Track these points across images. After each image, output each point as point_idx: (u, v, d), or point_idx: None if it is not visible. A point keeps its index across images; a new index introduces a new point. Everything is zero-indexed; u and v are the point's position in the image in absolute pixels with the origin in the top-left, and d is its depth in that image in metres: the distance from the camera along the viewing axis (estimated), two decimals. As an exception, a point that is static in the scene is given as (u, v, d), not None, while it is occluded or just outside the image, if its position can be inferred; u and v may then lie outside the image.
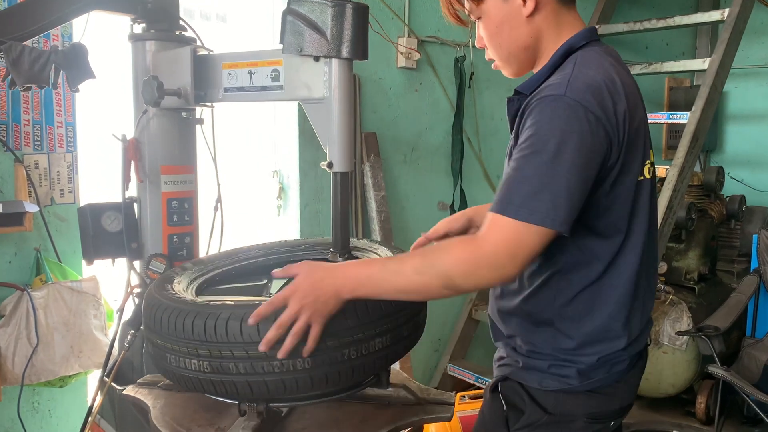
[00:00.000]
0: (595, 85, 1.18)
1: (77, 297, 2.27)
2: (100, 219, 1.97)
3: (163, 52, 1.92)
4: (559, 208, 1.12)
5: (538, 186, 1.13)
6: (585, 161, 1.14)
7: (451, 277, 1.17)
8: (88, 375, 2.40)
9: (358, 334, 1.31)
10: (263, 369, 1.25)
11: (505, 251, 1.14)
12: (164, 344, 1.36)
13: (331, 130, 1.67)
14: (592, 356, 1.29)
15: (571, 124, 1.14)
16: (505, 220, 1.14)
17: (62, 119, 2.32)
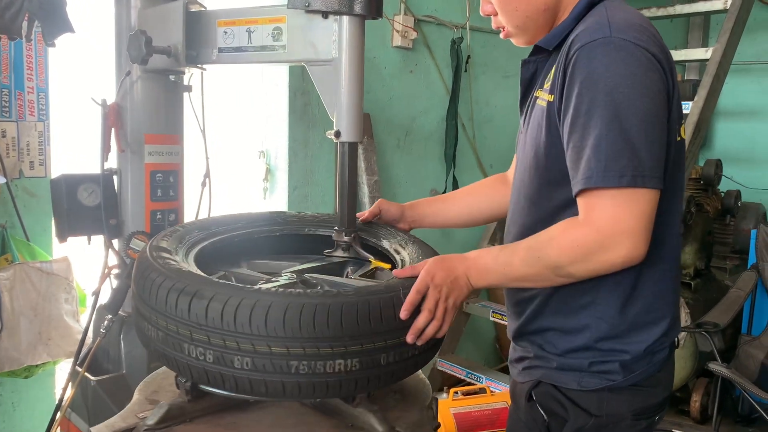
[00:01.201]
0: (638, 25, 1.07)
1: (47, 279, 2.07)
2: (75, 192, 1.79)
3: (150, 8, 1.74)
4: (646, 162, 1.02)
5: (614, 144, 1.01)
6: (656, 104, 1.03)
7: (560, 266, 1.09)
8: (56, 365, 2.20)
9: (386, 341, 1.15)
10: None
11: (610, 228, 1.02)
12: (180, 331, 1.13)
13: (340, 96, 1.51)
14: (639, 344, 1.17)
15: (630, 65, 1.02)
16: (596, 195, 1.03)
17: (33, 84, 2.12)
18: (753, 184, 4.53)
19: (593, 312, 1.17)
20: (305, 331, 1.07)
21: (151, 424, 1.16)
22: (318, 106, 2.80)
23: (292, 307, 1.07)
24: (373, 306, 1.12)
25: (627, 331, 1.17)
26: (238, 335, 1.07)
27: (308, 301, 1.08)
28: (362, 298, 1.12)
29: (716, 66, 3.14)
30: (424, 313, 1.12)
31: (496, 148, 3.57)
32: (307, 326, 1.07)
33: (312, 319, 1.07)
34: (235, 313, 1.07)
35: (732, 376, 2.83)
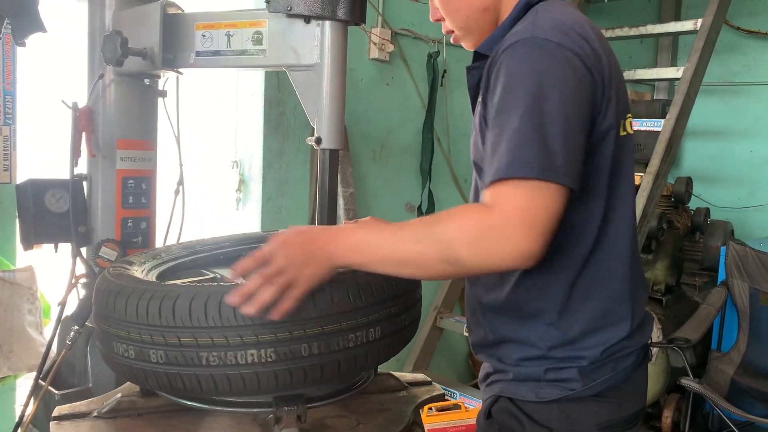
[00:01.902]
0: (564, 24, 1.06)
1: (9, 289, 1.99)
2: (43, 197, 1.72)
3: (126, 10, 1.69)
4: (556, 157, 0.97)
5: (524, 137, 0.97)
6: (574, 103, 1.01)
7: (451, 245, 0.98)
8: (17, 379, 2.11)
9: (359, 319, 1.12)
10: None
11: (509, 216, 0.96)
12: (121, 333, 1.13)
13: (321, 102, 1.49)
14: (595, 348, 1.12)
15: (548, 64, 1.00)
16: (503, 184, 0.97)
17: (0, 87, 2.05)
18: (720, 203, 4.61)
19: (543, 319, 1.13)
20: (211, 320, 1.04)
21: (102, 413, 1.25)
22: (293, 116, 2.76)
23: (199, 296, 1.05)
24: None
25: (581, 335, 1.12)
26: (152, 328, 1.07)
27: (214, 290, 1.06)
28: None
29: (687, 85, 3.19)
30: (258, 277, 1.01)
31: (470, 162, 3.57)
32: (213, 316, 1.04)
33: (218, 308, 1.04)
34: (147, 306, 1.08)
35: (704, 391, 2.85)
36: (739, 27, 4.54)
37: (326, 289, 1.08)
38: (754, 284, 3.24)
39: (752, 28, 4.50)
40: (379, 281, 1.15)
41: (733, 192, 4.66)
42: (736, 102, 4.68)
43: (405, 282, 1.21)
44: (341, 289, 1.10)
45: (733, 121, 4.68)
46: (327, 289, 1.08)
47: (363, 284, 1.13)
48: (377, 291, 1.14)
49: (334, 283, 1.09)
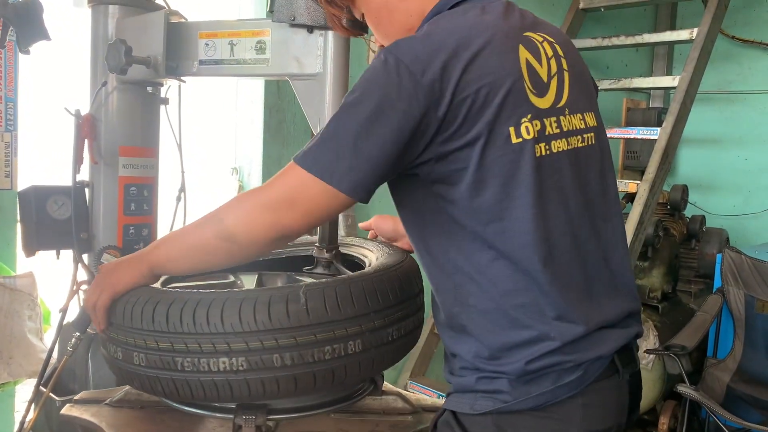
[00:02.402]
0: (428, 40, 1.03)
1: (10, 295, 1.99)
2: (45, 204, 1.73)
3: (129, 18, 1.71)
4: (342, 164, 1.01)
5: (328, 136, 1.03)
6: (390, 120, 0.99)
7: (224, 220, 1.06)
8: (17, 385, 2.10)
9: (336, 332, 1.11)
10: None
11: (284, 194, 1.05)
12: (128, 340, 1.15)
13: (324, 111, 1.50)
14: (517, 362, 1.05)
15: (378, 76, 1.01)
16: (293, 168, 1.05)
17: (2, 93, 2.05)
18: (715, 210, 4.65)
19: (469, 333, 1.10)
20: (186, 326, 1.08)
21: (112, 402, 1.40)
22: (293, 123, 2.78)
23: (176, 303, 1.10)
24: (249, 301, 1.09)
25: (501, 348, 1.07)
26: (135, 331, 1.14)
27: (191, 298, 1.10)
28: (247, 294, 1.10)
29: (683, 94, 3.22)
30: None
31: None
32: (188, 322, 1.08)
33: (192, 315, 1.08)
34: (132, 310, 1.13)
35: (700, 398, 2.87)
36: (734, 36, 4.58)
37: (301, 299, 1.08)
38: (749, 291, 3.27)
39: (747, 37, 4.55)
40: (361, 293, 1.13)
41: (729, 199, 4.70)
42: (731, 110, 4.72)
43: (394, 295, 1.19)
44: (317, 299, 1.09)
45: (729, 129, 4.72)
46: (302, 299, 1.08)
47: (343, 296, 1.12)
48: (358, 303, 1.12)
49: (311, 293, 1.09)
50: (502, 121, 1.03)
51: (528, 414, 1.05)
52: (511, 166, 1.03)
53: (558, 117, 1.10)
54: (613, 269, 1.16)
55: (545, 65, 1.10)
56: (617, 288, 1.16)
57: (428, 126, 1.01)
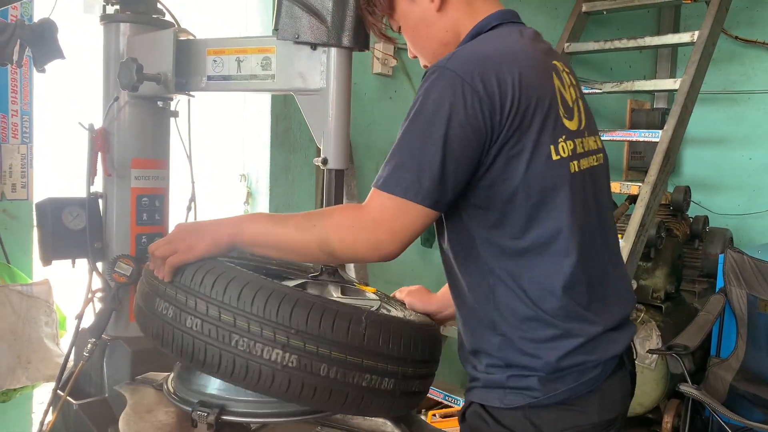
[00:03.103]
0: (482, 55, 1.14)
1: (27, 302, 2.06)
2: (60, 215, 1.79)
3: (140, 35, 1.77)
4: (424, 181, 1.09)
5: (407, 157, 1.11)
6: (459, 134, 1.09)
7: (328, 241, 1.15)
8: (34, 389, 2.18)
9: (379, 364, 1.18)
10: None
11: (386, 224, 1.12)
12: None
13: (327, 125, 1.56)
14: (548, 359, 1.17)
15: (445, 93, 1.09)
16: (379, 194, 1.13)
17: (18, 107, 2.13)
18: (720, 210, 4.68)
19: (500, 331, 1.20)
20: (255, 308, 1.13)
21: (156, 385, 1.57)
22: (299, 131, 2.84)
23: (252, 284, 1.15)
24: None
25: (533, 348, 1.18)
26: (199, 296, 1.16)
27: (269, 285, 1.15)
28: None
29: (684, 96, 3.26)
30: (154, 244, 1.22)
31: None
32: (259, 306, 1.13)
33: (265, 300, 1.14)
34: (203, 277, 1.16)
35: (702, 397, 2.90)
36: (737, 36, 4.60)
37: (363, 323, 1.15)
38: (751, 291, 3.30)
39: (750, 37, 4.57)
40: (410, 339, 1.21)
41: (733, 199, 4.72)
42: (735, 110, 4.75)
43: (430, 352, 1.27)
44: (375, 329, 1.16)
45: (733, 128, 4.75)
46: (363, 323, 1.15)
47: (397, 334, 1.19)
48: (407, 347, 1.20)
49: (372, 321, 1.16)
50: (544, 139, 1.14)
51: (554, 407, 1.17)
52: (551, 181, 1.15)
53: (582, 138, 1.24)
54: (617, 276, 1.30)
55: (568, 91, 1.24)
56: (620, 293, 1.29)
57: (491, 138, 1.12)
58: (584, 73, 4.31)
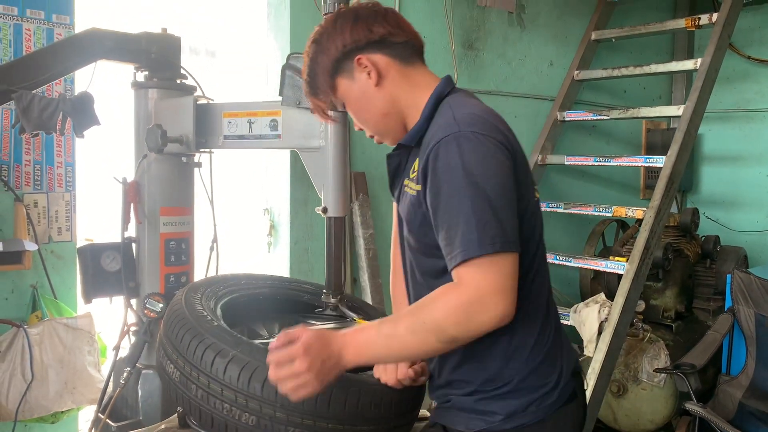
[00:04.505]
0: (479, 116, 1.24)
1: (72, 333, 2.31)
2: (99, 258, 2.04)
3: (165, 100, 2.01)
4: (506, 229, 1.16)
5: (481, 218, 1.15)
6: (506, 180, 1.19)
7: (444, 331, 1.17)
8: (79, 411, 2.43)
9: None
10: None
11: (489, 288, 1.14)
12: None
13: (327, 177, 1.76)
14: (521, 398, 1.29)
15: (479, 152, 1.18)
16: (472, 263, 1.15)
17: (62, 159, 2.39)
18: (736, 227, 4.74)
19: (483, 363, 1.31)
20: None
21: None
22: (317, 167, 3.05)
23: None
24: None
25: (508, 385, 1.30)
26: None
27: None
28: None
29: (687, 123, 3.37)
30: (288, 369, 1.19)
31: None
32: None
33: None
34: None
35: (707, 415, 3.00)
36: (749, 56, 4.68)
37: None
38: (759, 310, 3.39)
39: (762, 57, 4.65)
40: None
41: (751, 215, 4.78)
42: (750, 128, 4.81)
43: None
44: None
45: (748, 146, 4.81)
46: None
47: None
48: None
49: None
50: (530, 182, 1.30)
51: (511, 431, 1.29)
52: (537, 220, 1.31)
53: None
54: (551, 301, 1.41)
55: None
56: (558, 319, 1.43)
57: (518, 178, 1.23)
58: (598, 98, 4.44)
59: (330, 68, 1.34)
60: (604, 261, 3.34)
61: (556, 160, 3.81)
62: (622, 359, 3.40)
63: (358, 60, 1.31)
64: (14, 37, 2.24)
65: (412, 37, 1.37)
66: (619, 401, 3.46)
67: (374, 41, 1.31)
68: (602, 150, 4.49)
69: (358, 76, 1.32)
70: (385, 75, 1.32)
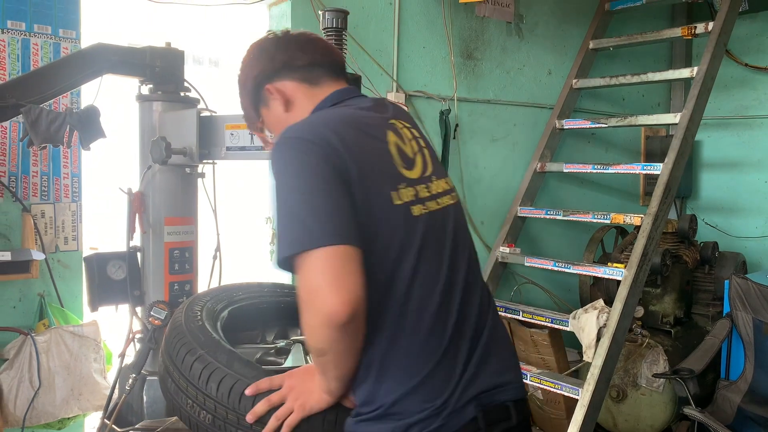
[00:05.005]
0: (312, 122, 1.25)
1: (78, 341, 2.36)
2: (105, 267, 2.09)
3: (169, 113, 2.06)
4: (313, 228, 1.11)
5: (286, 221, 1.14)
6: (317, 180, 1.15)
7: (311, 346, 1.18)
8: (85, 417, 2.47)
9: None
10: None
11: (305, 293, 1.11)
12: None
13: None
14: (396, 422, 1.21)
15: (288, 155, 1.18)
16: (296, 265, 1.12)
17: (68, 171, 2.45)
18: (736, 232, 4.77)
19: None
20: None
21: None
22: (318, 176, 3.10)
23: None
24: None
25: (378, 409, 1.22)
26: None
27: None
28: None
29: (684, 130, 3.41)
30: (264, 404, 1.26)
31: (486, 206, 3.86)
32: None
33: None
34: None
35: (706, 420, 3.03)
36: (747, 63, 4.72)
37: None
38: (757, 316, 3.42)
39: (759, 64, 4.68)
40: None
41: (751, 221, 4.80)
42: (748, 134, 4.85)
43: None
44: None
45: (747, 153, 4.84)
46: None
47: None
48: None
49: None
50: (382, 186, 1.22)
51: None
52: (396, 224, 1.22)
53: (427, 183, 1.32)
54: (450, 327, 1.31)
55: (409, 145, 1.34)
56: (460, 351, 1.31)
57: (342, 177, 1.18)
58: (596, 105, 4.48)
59: (251, 101, 1.41)
60: (602, 267, 3.37)
61: (555, 167, 3.86)
62: (622, 364, 3.43)
63: (267, 89, 1.37)
64: (22, 51, 2.30)
65: (319, 57, 1.39)
66: (618, 406, 3.49)
67: (278, 69, 1.36)
68: (601, 157, 4.53)
69: (271, 104, 1.38)
70: (292, 100, 1.37)
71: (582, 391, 2.95)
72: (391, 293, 1.21)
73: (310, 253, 1.09)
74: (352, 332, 1.13)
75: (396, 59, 3.36)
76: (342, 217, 1.13)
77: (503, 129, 3.92)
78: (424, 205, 1.28)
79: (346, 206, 1.15)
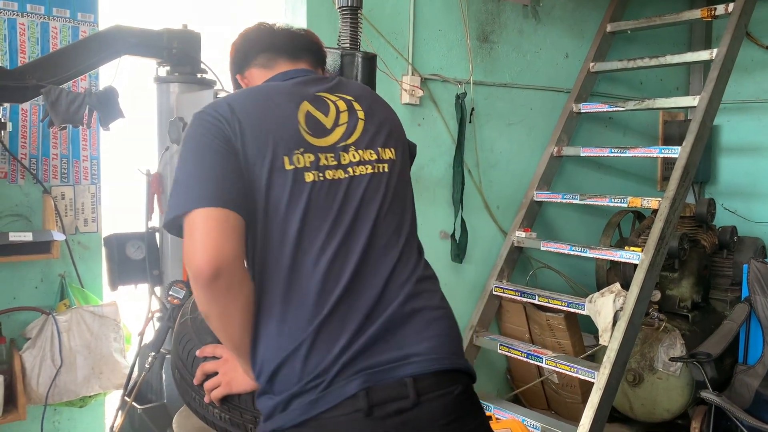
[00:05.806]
0: (219, 99, 1.33)
1: (98, 321, 2.40)
2: (124, 248, 2.12)
3: (186, 94, 2.08)
4: (193, 192, 1.17)
5: (181, 182, 1.21)
6: (205, 150, 1.22)
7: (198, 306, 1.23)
8: (106, 395, 2.52)
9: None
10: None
11: (186, 247, 1.17)
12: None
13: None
14: (282, 394, 1.20)
15: (192, 128, 1.27)
16: (175, 226, 1.21)
17: (87, 153, 2.48)
18: (755, 217, 4.72)
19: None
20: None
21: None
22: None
23: None
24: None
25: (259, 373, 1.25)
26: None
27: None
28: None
29: (702, 113, 3.37)
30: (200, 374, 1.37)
31: (502, 190, 3.85)
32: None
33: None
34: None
35: (722, 403, 3.02)
36: (767, 47, 4.65)
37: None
38: (776, 300, 3.39)
39: (780, 47, 4.62)
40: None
41: (768, 206, 4.75)
42: (769, 118, 4.79)
43: None
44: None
45: (767, 137, 4.78)
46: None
47: None
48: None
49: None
50: (278, 152, 1.26)
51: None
52: (282, 189, 1.25)
53: (339, 153, 1.32)
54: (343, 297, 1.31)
55: (332, 116, 1.36)
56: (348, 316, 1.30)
57: (229, 145, 1.24)
58: (614, 89, 4.44)
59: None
60: (619, 251, 3.36)
61: (572, 151, 3.83)
62: (638, 348, 3.42)
63: (239, 79, 1.50)
64: (41, 35, 2.33)
65: (278, 43, 1.46)
66: (635, 390, 3.49)
67: (241, 59, 1.49)
68: (618, 141, 4.49)
69: None
70: (252, 81, 1.48)
71: (598, 375, 2.95)
72: (280, 259, 1.22)
73: (189, 215, 1.16)
74: (222, 291, 1.15)
75: (411, 42, 3.35)
76: (220, 183, 1.18)
77: (520, 113, 3.90)
78: (322, 173, 1.28)
79: (229, 173, 1.20)
